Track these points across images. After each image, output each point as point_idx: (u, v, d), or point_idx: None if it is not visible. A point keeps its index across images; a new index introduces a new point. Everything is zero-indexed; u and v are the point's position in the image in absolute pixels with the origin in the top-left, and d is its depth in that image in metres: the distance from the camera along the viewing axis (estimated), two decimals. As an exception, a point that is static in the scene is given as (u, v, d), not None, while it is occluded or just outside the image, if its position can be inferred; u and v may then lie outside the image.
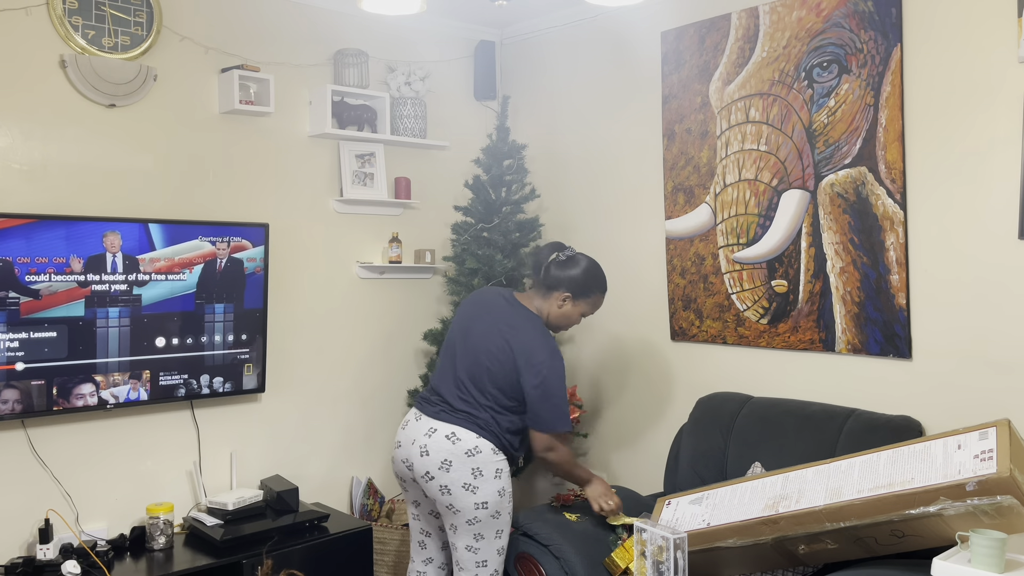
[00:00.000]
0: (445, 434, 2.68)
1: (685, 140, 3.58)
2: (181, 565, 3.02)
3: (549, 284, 2.79)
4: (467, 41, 4.32)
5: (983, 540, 2.09)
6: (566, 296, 2.79)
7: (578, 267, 2.78)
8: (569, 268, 2.77)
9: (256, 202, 3.61)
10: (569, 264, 2.78)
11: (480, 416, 2.70)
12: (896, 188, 2.95)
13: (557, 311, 2.80)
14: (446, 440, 2.67)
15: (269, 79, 3.52)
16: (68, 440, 3.15)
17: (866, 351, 3.05)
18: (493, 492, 2.69)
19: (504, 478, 2.72)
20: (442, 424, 2.70)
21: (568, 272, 2.77)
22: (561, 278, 2.77)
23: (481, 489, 2.67)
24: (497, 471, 2.70)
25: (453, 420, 2.70)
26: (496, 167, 3.86)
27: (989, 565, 2.08)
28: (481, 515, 2.69)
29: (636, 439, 3.87)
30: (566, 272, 2.78)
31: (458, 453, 2.65)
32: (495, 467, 2.69)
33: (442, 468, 2.66)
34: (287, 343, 3.70)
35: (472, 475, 2.65)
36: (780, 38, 3.24)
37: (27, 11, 3.03)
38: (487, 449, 2.68)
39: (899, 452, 2.41)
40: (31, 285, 2.93)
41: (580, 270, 2.78)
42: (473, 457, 2.66)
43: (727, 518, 2.57)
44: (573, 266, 2.78)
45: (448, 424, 2.69)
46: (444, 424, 2.70)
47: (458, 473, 2.65)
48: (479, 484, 2.66)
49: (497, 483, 2.69)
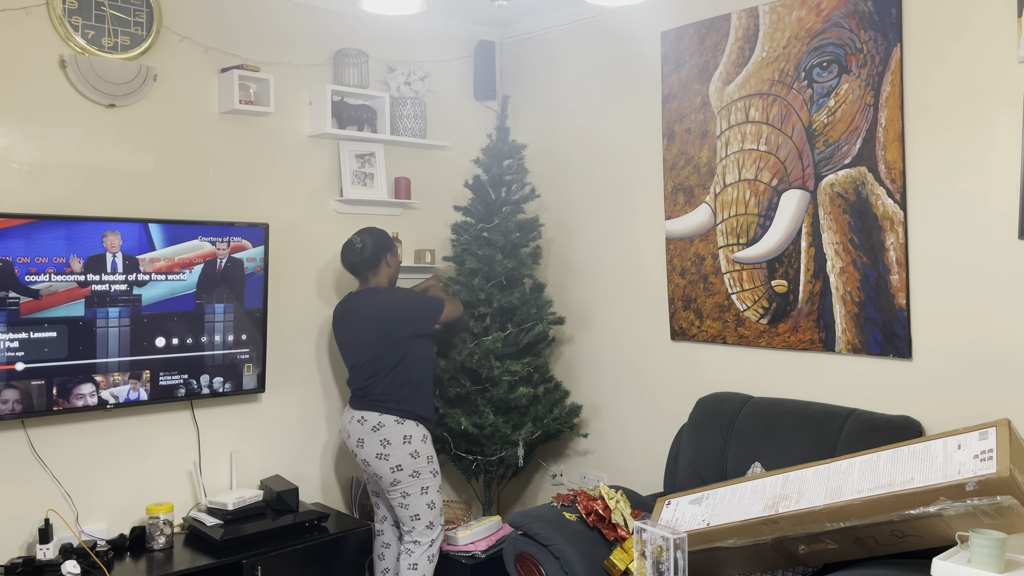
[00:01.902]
0: (357, 419, 3.32)
1: (685, 140, 3.58)
2: (181, 565, 3.02)
3: (370, 263, 3.45)
4: (467, 41, 4.32)
5: (983, 540, 2.09)
6: (387, 257, 3.49)
7: (366, 248, 3.44)
8: (364, 253, 3.44)
9: (256, 202, 3.61)
10: (363, 250, 3.44)
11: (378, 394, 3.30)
12: (896, 188, 2.95)
13: (387, 275, 3.50)
14: (358, 423, 3.31)
15: (269, 79, 3.52)
16: (68, 440, 3.15)
17: (866, 351, 3.05)
18: (404, 455, 3.26)
19: (414, 442, 3.29)
20: (356, 412, 3.34)
21: (369, 254, 3.44)
22: (369, 260, 3.45)
23: (392, 456, 3.25)
24: (405, 437, 3.27)
25: (362, 407, 3.33)
26: (496, 167, 3.86)
27: (989, 565, 2.08)
28: (399, 476, 3.27)
29: (636, 439, 3.87)
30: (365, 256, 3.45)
31: (366, 431, 3.28)
32: (401, 435, 3.27)
33: (359, 445, 3.30)
34: (287, 343, 3.70)
35: (381, 445, 3.25)
36: (780, 38, 3.24)
37: (27, 11, 3.03)
38: (389, 422, 3.27)
39: (899, 452, 2.41)
40: (31, 285, 2.93)
41: (370, 249, 3.44)
42: (378, 431, 3.26)
43: (727, 518, 2.57)
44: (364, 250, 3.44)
45: (359, 411, 3.33)
46: (357, 411, 3.33)
47: (370, 447, 3.27)
48: (389, 452, 3.25)
49: (407, 447, 3.26)
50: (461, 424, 3.63)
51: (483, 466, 3.82)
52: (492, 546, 3.59)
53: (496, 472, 3.89)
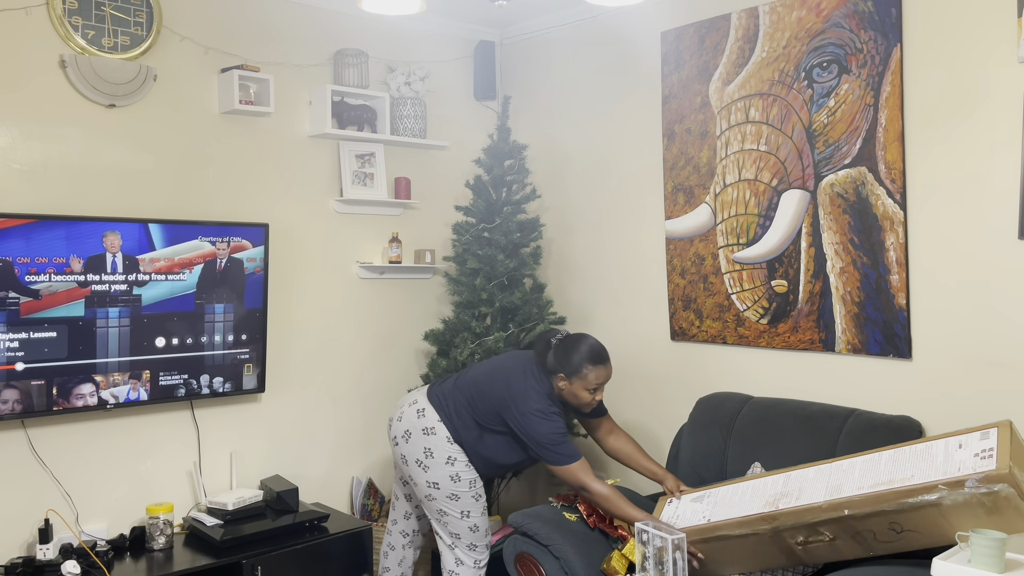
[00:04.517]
0: (418, 408, 2.92)
1: (685, 140, 3.58)
2: (181, 565, 3.02)
3: (547, 370, 2.88)
4: (467, 41, 4.32)
5: (983, 540, 2.09)
6: (560, 377, 2.87)
7: (563, 348, 2.85)
8: (558, 350, 2.85)
9: (256, 202, 3.61)
10: (559, 347, 2.86)
11: (452, 412, 2.91)
12: (896, 188, 2.95)
13: (560, 391, 2.89)
14: (414, 413, 2.93)
15: (269, 79, 3.52)
16: (68, 440, 3.15)
17: (866, 351, 3.05)
18: (444, 476, 2.89)
19: (458, 466, 2.89)
20: (422, 398, 2.94)
21: (556, 354, 2.85)
22: (551, 361, 2.86)
23: (432, 470, 2.88)
24: (449, 458, 2.88)
25: (431, 402, 2.93)
26: (497, 167, 3.86)
27: (989, 565, 2.08)
28: (435, 494, 2.91)
29: (636, 439, 3.86)
30: (554, 355, 2.86)
31: (417, 428, 2.90)
32: (447, 454, 2.88)
33: (403, 437, 2.93)
34: (287, 343, 3.70)
35: (424, 453, 2.89)
36: (780, 38, 3.24)
37: (27, 11, 3.03)
38: (442, 434, 2.88)
39: (900, 452, 2.41)
40: (31, 285, 2.93)
41: (564, 350, 2.85)
42: (428, 436, 2.89)
43: (728, 514, 2.58)
44: (561, 348, 2.86)
45: (426, 402, 2.93)
46: (424, 399, 2.93)
47: (413, 447, 2.90)
48: (429, 464, 2.89)
49: (449, 469, 2.88)
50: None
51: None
52: (492, 546, 3.59)
53: (496, 472, 3.88)
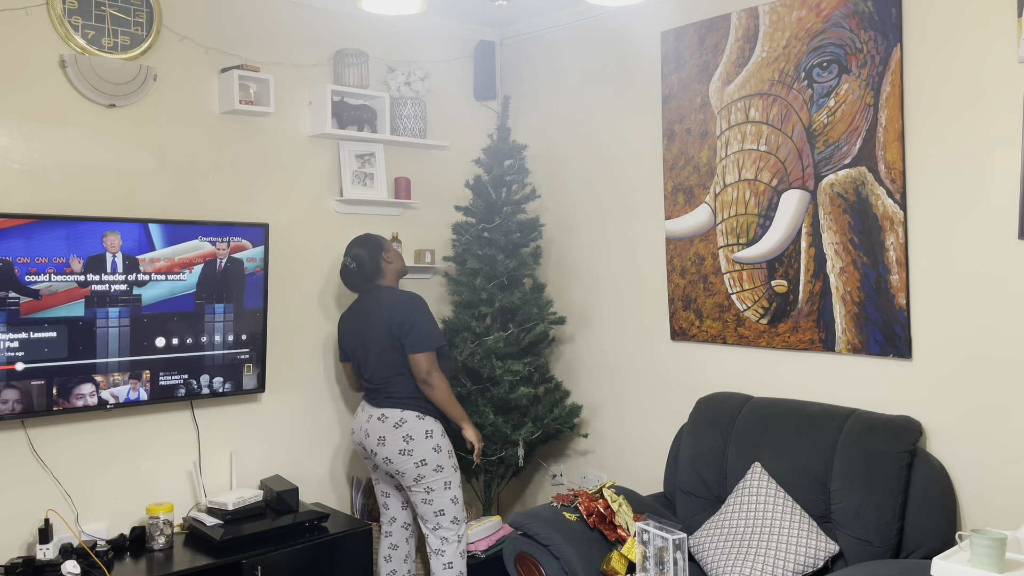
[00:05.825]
0: (376, 416, 3.28)
1: (685, 140, 3.58)
2: (181, 565, 3.02)
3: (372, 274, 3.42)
4: (467, 41, 4.32)
5: (983, 540, 2.09)
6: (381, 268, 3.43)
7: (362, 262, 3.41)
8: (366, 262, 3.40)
9: (256, 202, 3.61)
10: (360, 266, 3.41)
11: (397, 391, 3.27)
12: (896, 188, 2.95)
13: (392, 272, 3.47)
14: (378, 421, 3.27)
15: (269, 79, 3.52)
16: (68, 440, 3.15)
17: (866, 351, 3.05)
18: (427, 450, 3.23)
19: (436, 436, 3.27)
20: (375, 409, 3.30)
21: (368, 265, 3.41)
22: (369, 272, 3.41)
23: (416, 451, 3.22)
24: (427, 432, 3.25)
25: (382, 404, 3.29)
26: (497, 167, 3.86)
27: (989, 565, 2.08)
28: (423, 471, 3.23)
29: (636, 439, 3.87)
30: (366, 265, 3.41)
31: (387, 428, 3.24)
32: (423, 430, 3.25)
33: (380, 444, 3.26)
34: (287, 343, 3.70)
35: (404, 441, 3.22)
36: (780, 38, 3.24)
37: (27, 11, 3.03)
38: (411, 417, 3.25)
39: None
40: (31, 285, 2.93)
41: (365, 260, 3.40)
42: (400, 428, 3.23)
43: None
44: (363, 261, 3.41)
45: (379, 408, 3.29)
46: (376, 409, 3.30)
47: (392, 444, 3.23)
48: (412, 447, 3.22)
49: (429, 442, 3.24)
50: (461, 424, 3.63)
51: (483, 466, 3.83)
52: (492, 546, 3.59)
53: (496, 472, 3.89)
